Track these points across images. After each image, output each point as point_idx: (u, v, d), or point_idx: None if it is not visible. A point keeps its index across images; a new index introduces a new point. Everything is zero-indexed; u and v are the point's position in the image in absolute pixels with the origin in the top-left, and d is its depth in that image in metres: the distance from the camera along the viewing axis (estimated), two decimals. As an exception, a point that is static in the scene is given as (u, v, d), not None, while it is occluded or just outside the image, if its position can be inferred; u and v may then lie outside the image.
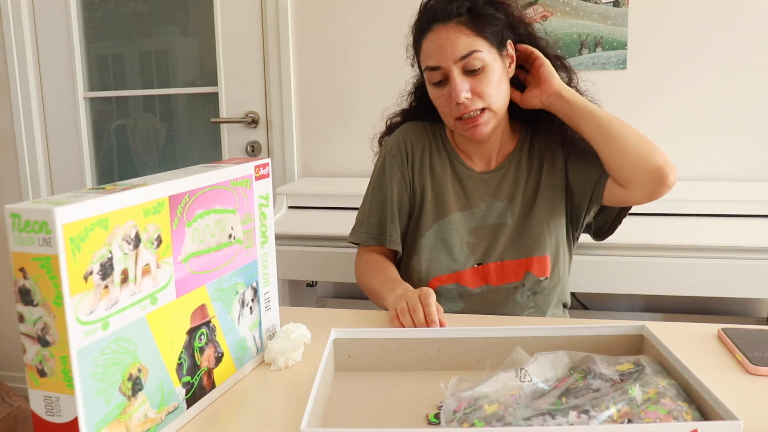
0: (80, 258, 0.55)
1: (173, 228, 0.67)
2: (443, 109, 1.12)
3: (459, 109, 1.08)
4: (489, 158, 1.20)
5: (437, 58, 1.07)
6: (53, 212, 0.52)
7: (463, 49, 1.05)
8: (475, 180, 1.18)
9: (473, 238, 1.17)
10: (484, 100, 1.08)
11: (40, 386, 0.56)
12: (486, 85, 1.07)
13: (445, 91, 1.09)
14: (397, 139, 1.23)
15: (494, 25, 1.08)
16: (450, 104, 1.09)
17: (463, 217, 1.17)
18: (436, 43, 1.07)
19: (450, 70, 1.07)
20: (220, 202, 0.75)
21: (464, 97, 1.06)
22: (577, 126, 1.09)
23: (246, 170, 0.80)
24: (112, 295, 0.59)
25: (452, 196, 1.18)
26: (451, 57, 1.06)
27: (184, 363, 0.70)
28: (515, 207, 1.16)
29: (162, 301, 0.66)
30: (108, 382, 0.59)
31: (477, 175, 1.19)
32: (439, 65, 1.07)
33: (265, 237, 0.85)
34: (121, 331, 0.60)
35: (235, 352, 0.79)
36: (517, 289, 1.14)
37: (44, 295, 0.54)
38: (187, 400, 0.70)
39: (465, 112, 1.08)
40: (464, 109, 1.07)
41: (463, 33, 1.06)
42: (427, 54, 1.09)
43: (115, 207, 0.58)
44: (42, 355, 0.55)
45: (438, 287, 1.15)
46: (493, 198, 1.17)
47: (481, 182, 1.18)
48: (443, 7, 1.07)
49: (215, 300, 0.75)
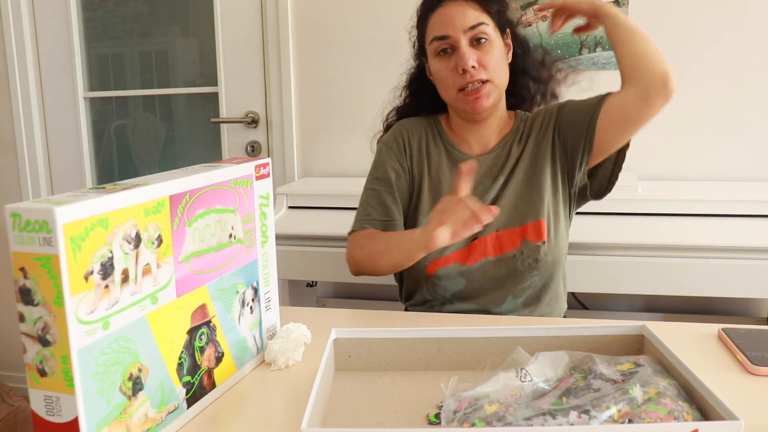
0: (81, 258, 0.55)
1: (174, 228, 0.67)
2: (447, 82, 1.15)
3: (464, 78, 1.11)
4: (486, 141, 1.22)
5: (446, 28, 1.12)
6: (54, 212, 0.52)
7: (472, 20, 1.11)
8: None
9: None
10: (488, 72, 1.12)
11: (41, 386, 0.56)
12: (491, 57, 1.12)
13: (451, 62, 1.13)
14: (394, 132, 1.26)
15: (500, 6, 1.16)
16: (455, 75, 1.13)
17: None
18: (447, 15, 1.13)
19: (458, 40, 1.11)
20: (221, 201, 0.75)
21: (472, 63, 1.10)
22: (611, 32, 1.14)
23: (246, 170, 0.80)
24: (113, 295, 0.59)
25: (449, 181, 1.20)
26: (460, 26, 1.11)
27: (185, 363, 0.70)
28: (511, 182, 1.18)
29: (162, 300, 0.66)
30: (108, 381, 0.59)
31: (473, 158, 1.21)
32: (448, 34, 1.12)
33: (266, 237, 0.85)
34: (121, 330, 0.60)
35: (236, 351, 0.79)
36: (516, 257, 1.14)
37: (45, 295, 0.54)
38: (187, 399, 0.70)
39: (470, 81, 1.11)
40: (469, 77, 1.11)
41: (472, 7, 1.12)
42: (434, 26, 1.14)
43: (115, 206, 0.58)
44: (42, 354, 0.55)
45: (437, 271, 1.14)
46: (490, 178, 1.19)
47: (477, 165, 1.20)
48: None
49: (216, 300, 0.75)
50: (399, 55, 2.00)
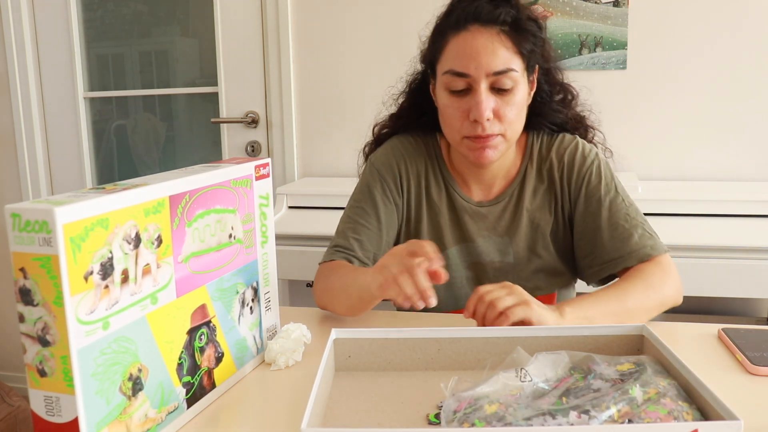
0: (80, 258, 0.54)
1: (173, 228, 0.67)
2: (452, 123, 1.00)
3: (474, 128, 0.97)
4: (489, 186, 1.09)
5: (467, 65, 0.95)
6: (54, 212, 0.52)
7: (500, 64, 0.94)
8: (472, 213, 1.08)
9: (473, 273, 1.09)
10: (503, 125, 0.97)
11: (41, 386, 0.56)
12: (510, 108, 0.97)
13: (462, 103, 0.97)
14: (389, 159, 1.10)
15: (533, 44, 0.98)
16: (463, 119, 0.98)
17: (461, 251, 1.09)
18: (472, 47, 0.94)
19: (478, 82, 0.95)
20: (221, 202, 0.74)
21: (488, 115, 0.95)
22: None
23: (246, 170, 0.80)
24: (113, 295, 0.59)
25: (449, 229, 1.09)
26: (484, 68, 0.94)
27: (185, 363, 0.70)
28: (516, 244, 1.07)
29: (162, 301, 0.65)
30: (108, 381, 0.59)
31: (474, 208, 1.08)
32: (468, 73, 0.95)
33: (266, 237, 0.85)
34: (121, 330, 0.60)
35: (236, 352, 0.79)
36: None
37: (44, 295, 0.54)
38: (187, 400, 0.70)
39: (480, 135, 0.97)
40: (480, 130, 0.96)
41: (504, 44, 0.94)
42: (453, 55, 0.97)
43: (115, 207, 0.58)
44: (42, 355, 0.55)
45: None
46: (492, 233, 1.08)
47: (478, 216, 1.08)
48: (489, 10, 0.95)
49: (216, 300, 0.75)
50: (399, 56, 2.00)
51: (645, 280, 0.95)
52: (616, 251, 1.00)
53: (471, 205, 1.09)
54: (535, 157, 1.08)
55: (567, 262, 1.09)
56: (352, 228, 1.07)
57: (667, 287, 0.95)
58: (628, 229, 1.00)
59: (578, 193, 1.05)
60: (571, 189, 1.06)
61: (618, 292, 0.92)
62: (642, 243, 0.99)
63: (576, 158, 1.06)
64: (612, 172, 1.07)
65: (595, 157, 1.07)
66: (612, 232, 1.01)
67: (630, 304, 0.90)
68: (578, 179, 1.05)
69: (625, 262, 0.99)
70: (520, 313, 0.81)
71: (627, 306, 0.90)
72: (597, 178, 1.05)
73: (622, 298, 0.91)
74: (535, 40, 0.98)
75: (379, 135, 1.18)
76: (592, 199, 1.04)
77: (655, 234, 1.02)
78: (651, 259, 0.98)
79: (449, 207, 1.09)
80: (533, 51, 0.98)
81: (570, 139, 1.09)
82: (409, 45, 1.24)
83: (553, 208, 1.07)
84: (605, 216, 1.02)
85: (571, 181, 1.06)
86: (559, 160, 1.07)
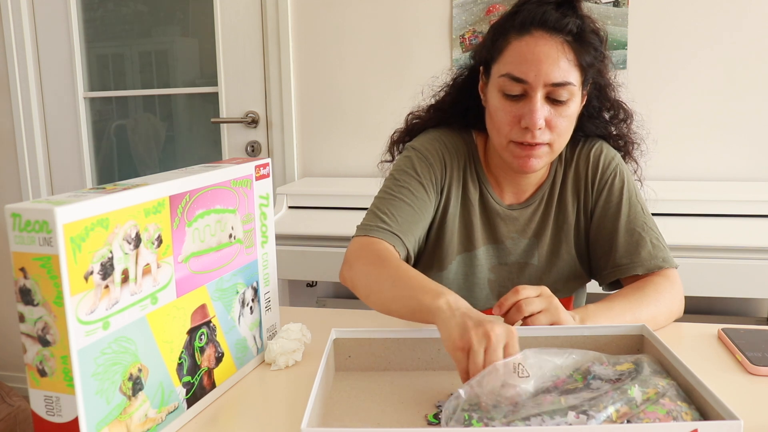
0: (81, 258, 0.55)
1: (174, 228, 0.67)
2: (502, 126, 0.97)
3: (523, 134, 0.95)
4: (522, 190, 1.08)
5: (527, 71, 0.92)
6: (54, 212, 0.52)
7: (559, 75, 0.92)
8: (503, 216, 1.08)
9: (494, 276, 1.09)
10: (552, 135, 0.96)
11: (41, 386, 0.56)
12: (562, 120, 0.95)
13: (515, 108, 0.95)
14: (433, 144, 1.07)
15: (593, 57, 0.96)
16: (513, 124, 0.95)
17: (488, 252, 1.08)
18: (534, 53, 0.92)
19: (535, 90, 0.93)
20: (221, 201, 0.75)
21: (541, 124, 0.93)
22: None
23: (246, 170, 0.80)
24: (113, 295, 0.59)
25: (480, 229, 1.08)
26: (543, 77, 0.92)
27: (185, 363, 0.70)
28: (542, 246, 1.08)
29: (162, 300, 0.66)
30: (108, 381, 0.59)
31: (506, 210, 1.08)
32: (526, 79, 0.93)
33: (266, 237, 0.85)
34: (121, 330, 0.60)
35: (236, 352, 0.79)
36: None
37: (45, 295, 0.54)
38: (187, 399, 0.70)
39: (530, 142, 0.95)
40: (530, 138, 0.94)
41: (566, 56, 0.92)
42: (514, 60, 0.94)
43: (115, 207, 0.58)
44: (42, 354, 0.55)
45: None
46: (521, 235, 1.08)
47: (509, 218, 1.08)
48: (556, 17, 0.93)
49: (216, 300, 0.75)
50: (399, 55, 2.01)
51: (657, 293, 0.95)
52: (628, 257, 1.01)
53: (503, 208, 1.08)
54: (564, 159, 1.09)
55: (584, 265, 1.10)
56: (393, 205, 1.01)
57: (676, 302, 0.96)
58: (644, 237, 1.01)
59: (600, 194, 1.06)
60: (594, 189, 1.06)
61: (632, 305, 0.92)
62: (654, 254, 1.00)
63: (601, 160, 1.06)
64: (633, 180, 1.08)
65: (619, 161, 1.08)
66: (628, 237, 1.02)
67: (644, 317, 0.91)
68: (602, 180, 1.06)
69: (635, 269, 0.99)
70: (543, 320, 0.81)
71: (641, 318, 0.90)
72: (620, 183, 1.05)
73: (636, 310, 0.91)
74: (596, 54, 0.96)
75: (413, 125, 1.15)
76: (613, 201, 1.05)
77: (667, 248, 1.02)
78: (661, 271, 0.99)
79: (481, 207, 1.09)
80: (592, 65, 0.96)
81: (594, 141, 1.09)
82: (409, 45, 1.24)
83: (576, 209, 1.08)
84: (623, 221, 1.03)
85: (595, 182, 1.06)
86: (584, 161, 1.07)
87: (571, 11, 0.94)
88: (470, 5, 1.93)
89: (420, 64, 1.98)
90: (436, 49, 1.96)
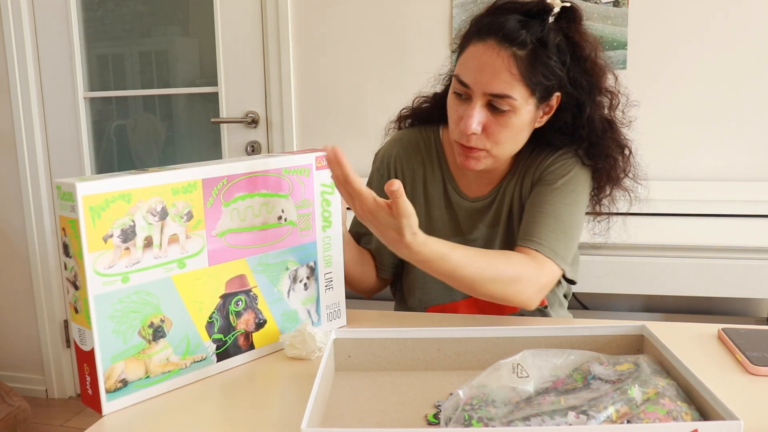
0: (99, 223, 0.68)
1: (207, 206, 0.78)
2: (450, 123, 1.01)
3: (461, 136, 0.98)
4: (486, 183, 1.10)
5: (470, 77, 0.95)
6: (75, 186, 0.66)
7: (497, 87, 0.92)
8: (466, 208, 1.11)
9: None
10: (489, 142, 0.97)
11: (75, 320, 0.71)
12: (501, 130, 0.96)
13: (460, 109, 0.98)
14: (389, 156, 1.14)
15: (547, 79, 0.94)
16: (458, 123, 0.98)
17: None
18: (479, 61, 0.94)
19: (475, 96, 0.95)
20: (267, 187, 0.84)
21: (473, 129, 0.95)
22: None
23: (304, 160, 0.88)
24: (134, 256, 0.72)
25: (446, 222, 1.11)
26: (483, 86, 0.93)
27: (216, 322, 0.81)
28: (500, 235, 1.10)
29: (191, 266, 0.77)
30: (125, 325, 0.72)
31: (470, 203, 1.11)
32: (468, 83, 0.95)
33: (328, 222, 0.92)
34: (142, 286, 0.73)
35: (282, 321, 0.88)
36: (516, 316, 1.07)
37: (74, 250, 0.68)
38: (217, 354, 0.81)
39: (466, 144, 0.97)
40: (465, 140, 0.97)
41: (509, 70, 0.92)
42: (464, 63, 0.97)
43: (137, 185, 0.71)
44: (76, 295, 0.70)
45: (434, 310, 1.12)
46: (484, 226, 1.10)
47: (473, 210, 1.11)
48: (512, 28, 0.92)
49: (258, 273, 0.84)
50: (399, 55, 2.00)
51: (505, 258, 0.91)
52: (523, 232, 0.99)
53: (467, 201, 1.11)
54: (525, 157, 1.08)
55: None
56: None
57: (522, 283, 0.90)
58: (549, 224, 0.97)
59: (540, 177, 1.04)
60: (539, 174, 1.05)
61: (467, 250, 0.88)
62: (546, 237, 0.96)
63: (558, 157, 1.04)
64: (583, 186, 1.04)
65: (574, 161, 1.04)
66: (536, 216, 0.99)
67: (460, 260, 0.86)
68: (548, 167, 1.04)
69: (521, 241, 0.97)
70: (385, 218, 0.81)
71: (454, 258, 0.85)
72: (563, 171, 1.02)
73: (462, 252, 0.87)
74: (551, 76, 0.94)
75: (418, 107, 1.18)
76: (546, 184, 1.02)
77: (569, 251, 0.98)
78: (537, 254, 0.94)
79: (445, 202, 1.12)
80: (545, 86, 0.94)
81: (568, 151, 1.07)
82: (409, 45, 1.24)
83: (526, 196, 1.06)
84: (542, 200, 1.00)
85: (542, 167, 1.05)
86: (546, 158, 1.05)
87: (537, 22, 0.93)
88: (470, 5, 1.93)
89: (420, 65, 1.97)
90: (437, 49, 1.96)
